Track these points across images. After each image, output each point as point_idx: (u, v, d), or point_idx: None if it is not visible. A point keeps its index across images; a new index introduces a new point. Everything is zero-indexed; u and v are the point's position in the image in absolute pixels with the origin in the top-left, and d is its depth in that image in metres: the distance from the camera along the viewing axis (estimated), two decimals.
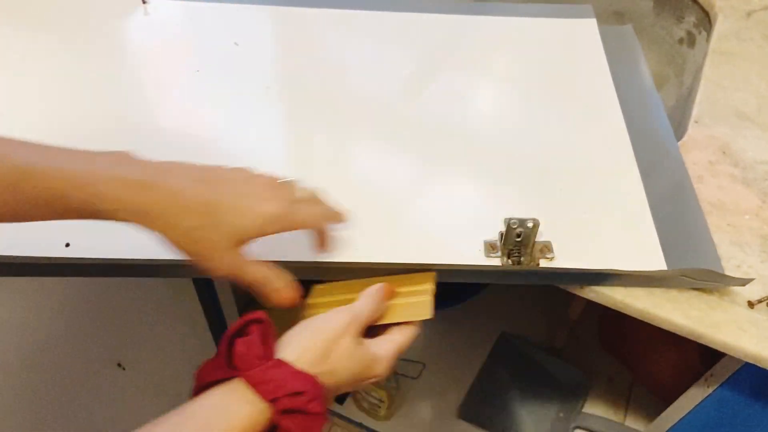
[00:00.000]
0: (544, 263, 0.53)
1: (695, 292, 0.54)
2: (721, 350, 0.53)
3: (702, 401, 0.70)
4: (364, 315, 0.46)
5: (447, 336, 1.34)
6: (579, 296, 1.22)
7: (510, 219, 0.51)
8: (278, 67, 0.67)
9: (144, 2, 0.70)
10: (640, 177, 0.59)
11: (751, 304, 0.53)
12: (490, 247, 0.54)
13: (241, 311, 1.20)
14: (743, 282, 0.53)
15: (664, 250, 0.54)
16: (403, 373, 1.26)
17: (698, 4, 0.81)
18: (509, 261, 0.53)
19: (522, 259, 0.53)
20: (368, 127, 0.63)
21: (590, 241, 0.55)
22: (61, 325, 0.77)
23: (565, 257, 0.54)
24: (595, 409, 1.26)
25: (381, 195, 0.57)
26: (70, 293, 0.76)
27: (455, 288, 1.25)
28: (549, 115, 0.65)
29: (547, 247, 0.54)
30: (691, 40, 0.85)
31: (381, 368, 0.46)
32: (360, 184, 0.58)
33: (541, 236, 0.54)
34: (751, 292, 0.54)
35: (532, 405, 1.25)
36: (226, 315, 1.12)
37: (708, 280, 0.53)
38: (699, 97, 0.68)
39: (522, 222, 0.51)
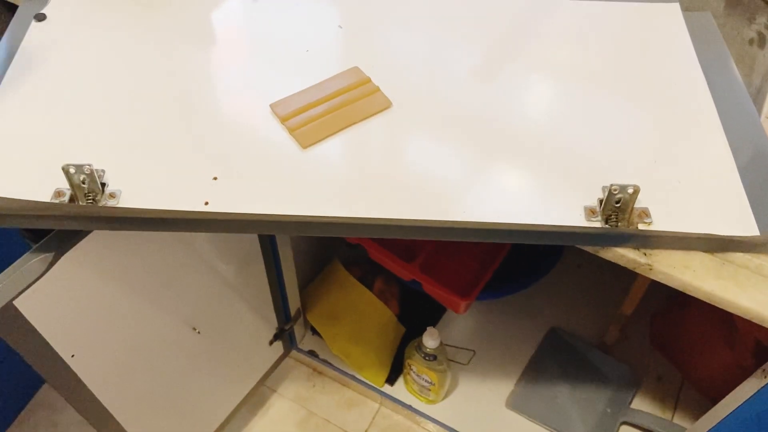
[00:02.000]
0: (642, 227, 0.57)
1: (762, 277, 0.56)
2: None
3: (755, 394, 0.71)
4: None
5: (499, 326, 1.37)
6: (634, 291, 1.24)
7: (611, 185, 0.55)
8: (379, 48, 0.73)
9: None
10: (729, 148, 0.63)
11: None
12: (590, 212, 0.58)
13: (301, 289, 1.25)
14: None
15: (755, 214, 0.57)
16: (453, 359, 1.29)
17: None
18: (608, 225, 0.56)
19: (619, 224, 0.56)
20: (459, 106, 0.67)
21: (686, 209, 0.58)
22: (142, 291, 0.83)
23: (662, 223, 0.57)
24: (643, 407, 1.27)
25: (478, 167, 0.61)
26: (151, 261, 0.82)
27: (520, 273, 1.28)
28: (640, 96, 0.69)
29: (645, 213, 0.58)
30: (761, 41, 0.86)
31: None
32: (457, 154, 0.63)
33: (640, 203, 0.58)
34: None
35: (580, 399, 1.27)
36: (288, 292, 1.18)
37: None
38: None
39: (623, 188, 0.55)
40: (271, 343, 1.21)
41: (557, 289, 1.41)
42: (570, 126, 0.66)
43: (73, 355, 0.72)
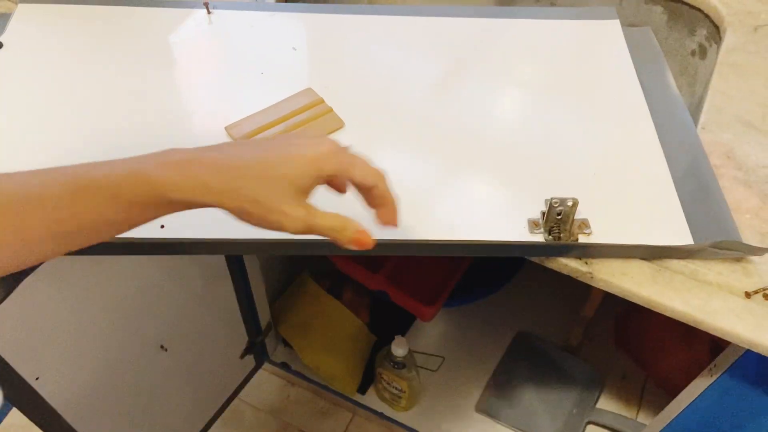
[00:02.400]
0: (582, 239, 0.60)
1: (696, 282, 0.59)
2: (718, 335, 0.58)
3: (706, 389, 0.75)
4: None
5: (466, 332, 1.39)
6: (593, 294, 1.28)
7: (552, 199, 0.57)
8: (333, 69, 0.74)
9: (208, 13, 0.77)
10: (665, 159, 0.66)
11: (747, 295, 0.58)
12: (533, 225, 0.60)
13: (271, 302, 1.27)
14: (762, 251, 0.59)
15: (689, 223, 0.61)
16: (423, 366, 1.31)
17: (709, 18, 0.86)
18: (550, 237, 0.59)
19: (561, 235, 0.59)
20: (412, 123, 0.69)
21: (623, 219, 0.61)
22: (108, 310, 0.84)
23: (601, 234, 0.60)
24: (608, 406, 1.30)
25: (428, 181, 0.63)
26: (116, 281, 0.83)
27: (486, 279, 1.31)
28: (580, 111, 0.72)
29: (584, 224, 0.60)
30: (702, 52, 0.90)
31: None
32: (409, 171, 0.65)
33: (580, 214, 0.61)
34: (748, 283, 0.59)
35: (547, 401, 1.30)
36: (257, 306, 1.19)
37: (732, 249, 0.59)
38: (706, 106, 0.73)
39: (563, 201, 0.57)
40: (242, 356, 1.23)
41: (523, 294, 1.44)
42: (517, 142, 0.68)
43: (37, 378, 0.73)
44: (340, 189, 0.47)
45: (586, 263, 0.60)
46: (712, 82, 0.76)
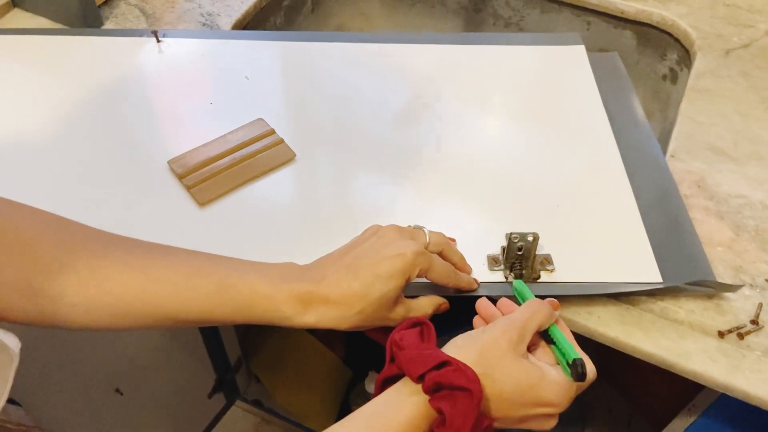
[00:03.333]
0: (545, 276, 0.56)
1: (667, 322, 0.56)
2: (691, 379, 0.54)
3: (686, 430, 0.71)
4: (522, 321, 0.45)
5: None
6: None
7: (511, 233, 0.54)
8: (287, 98, 0.71)
9: (158, 41, 0.74)
10: (632, 192, 0.63)
11: (721, 334, 0.55)
12: (492, 261, 0.57)
13: (241, 340, 1.22)
14: (735, 288, 0.56)
15: (658, 260, 0.57)
16: None
17: (679, 42, 0.84)
18: (512, 274, 0.55)
19: (524, 272, 0.55)
20: (370, 153, 0.66)
21: (588, 255, 0.58)
22: (60, 350, 0.79)
23: (565, 271, 0.57)
24: None
25: (384, 215, 0.60)
26: None
27: (462, 310, 1.26)
28: (543, 139, 0.69)
29: (547, 260, 0.57)
30: (673, 77, 0.87)
31: (552, 393, 0.43)
32: (364, 205, 0.62)
33: (542, 249, 0.58)
34: (721, 322, 0.55)
35: None
36: (225, 341, 1.14)
37: (704, 286, 0.56)
38: (675, 133, 0.70)
39: (523, 236, 0.54)
40: (210, 395, 1.17)
41: None
42: (477, 172, 0.65)
43: None
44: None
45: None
46: (681, 107, 0.73)
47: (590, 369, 0.47)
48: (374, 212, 0.60)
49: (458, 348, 0.44)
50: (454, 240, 0.58)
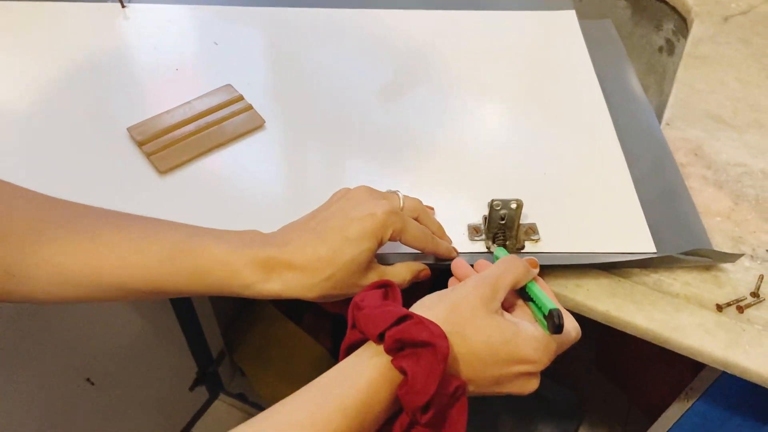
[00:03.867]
0: (529, 246, 0.52)
1: (661, 294, 0.52)
2: (687, 355, 0.50)
3: (683, 416, 0.67)
4: (494, 276, 0.42)
5: None
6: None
7: (493, 200, 0.50)
8: (258, 65, 0.67)
9: (123, 6, 0.70)
10: (624, 160, 0.59)
11: (719, 307, 0.51)
12: (473, 231, 0.53)
13: (223, 330, 1.18)
14: (734, 258, 0.52)
15: (652, 229, 0.53)
16: None
17: (676, 10, 0.80)
18: (494, 245, 0.51)
19: (507, 242, 0.52)
20: (345, 121, 0.62)
21: (577, 225, 0.54)
22: (30, 338, 0.75)
23: (551, 241, 0.53)
24: None
25: (358, 183, 0.55)
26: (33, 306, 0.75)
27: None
28: (531, 107, 0.65)
29: (532, 229, 0.53)
30: (670, 48, 0.83)
31: (529, 348, 0.39)
32: (337, 173, 0.58)
33: (527, 219, 0.54)
34: (720, 294, 0.51)
35: (523, 428, 1.21)
36: (206, 332, 1.10)
37: (701, 256, 0.52)
38: (672, 100, 0.66)
39: (505, 203, 0.50)
40: (191, 388, 1.13)
41: None
42: (459, 140, 0.61)
43: None
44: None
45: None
46: (678, 75, 0.69)
47: (571, 324, 0.43)
48: (348, 181, 0.56)
49: (426, 308, 0.40)
50: (432, 209, 0.54)
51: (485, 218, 0.53)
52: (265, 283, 0.43)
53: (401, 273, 0.48)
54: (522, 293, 0.45)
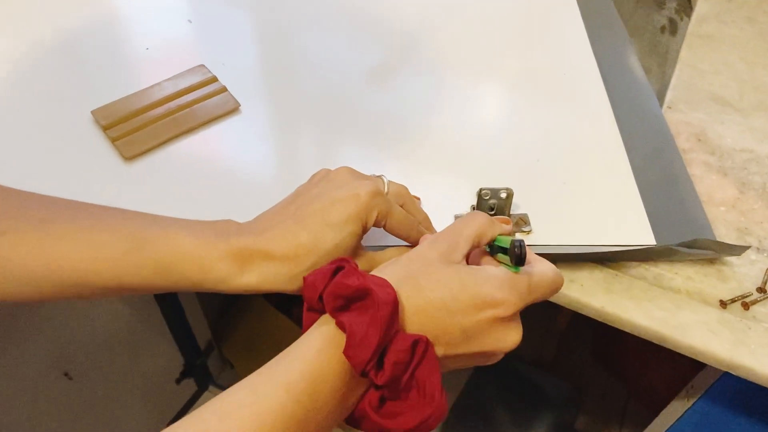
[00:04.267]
0: (520, 237, 0.49)
1: (661, 290, 0.48)
2: (689, 356, 0.47)
3: (683, 415, 0.63)
4: (454, 229, 0.39)
5: None
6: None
7: (482, 189, 0.47)
8: (234, 44, 0.63)
9: None
10: (623, 145, 0.55)
11: (723, 304, 0.47)
12: None
13: (211, 322, 1.15)
14: (739, 250, 0.48)
15: (651, 220, 0.50)
16: None
17: None
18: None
19: None
20: (324, 105, 0.59)
21: (571, 215, 0.50)
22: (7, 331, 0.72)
23: (543, 233, 0.49)
24: (588, 426, 1.19)
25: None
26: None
27: None
28: (522, 87, 0.61)
29: (523, 220, 0.49)
30: (673, 28, 0.79)
31: (492, 287, 0.35)
32: (316, 160, 0.54)
33: (518, 209, 0.50)
34: (724, 290, 0.48)
35: (519, 423, 1.18)
36: (192, 324, 1.07)
37: (704, 249, 0.48)
38: (674, 81, 0.63)
39: (495, 192, 0.46)
40: (178, 381, 1.11)
41: None
42: (446, 124, 0.57)
43: None
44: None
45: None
46: (681, 55, 0.65)
47: (547, 266, 0.38)
48: (329, 156, 0.53)
49: (380, 270, 0.37)
50: (418, 198, 0.50)
51: (473, 208, 0.50)
52: (241, 276, 0.39)
53: (392, 257, 0.44)
54: (492, 251, 0.41)
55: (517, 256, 0.35)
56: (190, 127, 0.54)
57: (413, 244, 0.45)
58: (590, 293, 0.48)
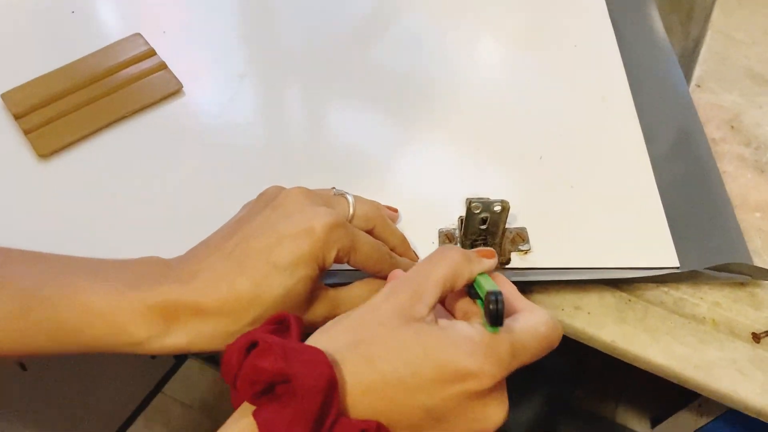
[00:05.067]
0: (516, 259, 0.40)
1: (682, 319, 0.40)
2: (716, 400, 0.39)
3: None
4: (418, 274, 0.30)
5: None
6: None
7: (471, 200, 0.38)
8: (178, 7, 0.53)
9: None
10: (642, 136, 0.46)
11: (756, 337, 0.40)
12: (445, 238, 0.42)
13: None
14: None
15: (674, 234, 0.41)
16: None
17: None
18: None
19: None
20: (287, 83, 0.49)
21: (578, 228, 0.42)
22: None
23: (544, 252, 0.41)
24: (585, 402, 1.15)
25: (295, 173, 0.43)
26: None
27: None
28: (525, 63, 0.51)
29: (520, 236, 0.41)
30: None
31: (464, 353, 0.27)
32: (274, 158, 0.45)
33: (515, 220, 0.42)
34: (757, 319, 0.40)
35: (516, 395, 1.14)
36: None
37: (737, 272, 0.40)
38: (704, 54, 0.53)
39: (487, 205, 0.38)
40: (153, 356, 1.05)
41: None
42: (432, 112, 0.48)
43: None
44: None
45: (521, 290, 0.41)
46: (712, 19, 0.55)
47: (539, 317, 0.30)
48: (285, 169, 0.44)
49: (324, 330, 0.29)
50: (395, 211, 0.41)
51: (461, 221, 0.41)
52: (165, 337, 0.31)
53: (361, 296, 0.36)
54: (472, 293, 0.32)
55: (492, 315, 0.27)
56: (120, 115, 0.45)
57: (386, 278, 0.37)
58: (599, 323, 0.40)
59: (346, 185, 0.39)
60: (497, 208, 0.39)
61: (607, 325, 0.40)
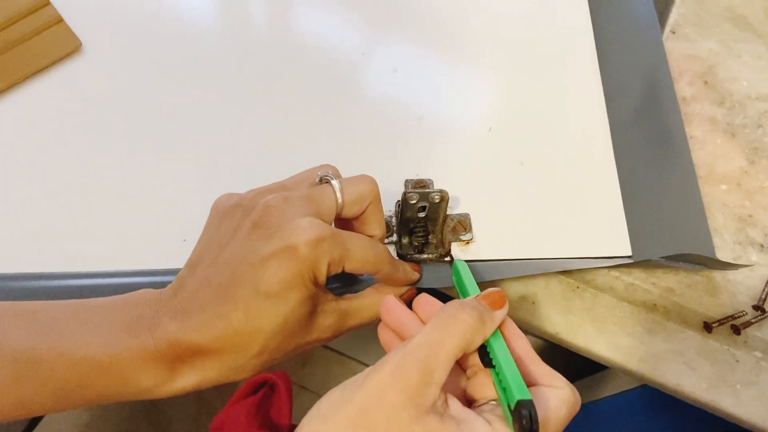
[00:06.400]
0: (457, 249, 0.37)
1: (632, 307, 0.38)
2: (662, 390, 0.38)
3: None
4: (426, 349, 0.26)
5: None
6: None
7: (406, 191, 0.34)
8: None
9: None
10: (603, 97, 0.41)
11: (707, 327, 0.37)
12: None
13: None
14: (735, 266, 0.38)
15: (629, 220, 0.38)
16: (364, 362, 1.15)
17: None
18: (410, 247, 0.37)
19: (427, 245, 0.37)
20: (206, 45, 0.43)
21: (525, 214, 0.38)
22: None
23: (489, 240, 0.37)
24: None
25: (219, 144, 0.39)
26: None
27: None
28: (477, 13, 0.45)
29: (462, 224, 0.38)
30: None
31: None
32: (189, 123, 0.40)
33: (458, 205, 0.39)
34: (710, 306, 0.38)
35: None
36: None
37: (692, 262, 0.38)
38: None
39: (425, 195, 0.34)
40: None
41: None
42: (362, 90, 0.43)
43: None
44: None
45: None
46: None
47: (560, 396, 0.27)
48: (205, 138, 0.39)
49: (322, 418, 0.26)
50: None
51: (398, 205, 0.37)
52: (173, 382, 0.30)
53: (372, 305, 0.33)
54: (484, 357, 0.29)
55: (524, 429, 0.25)
56: (10, 79, 0.39)
57: (387, 280, 0.34)
58: (543, 314, 0.38)
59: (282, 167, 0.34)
60: (436, 198, 0.35)
61: (552, 316, 0.38)
